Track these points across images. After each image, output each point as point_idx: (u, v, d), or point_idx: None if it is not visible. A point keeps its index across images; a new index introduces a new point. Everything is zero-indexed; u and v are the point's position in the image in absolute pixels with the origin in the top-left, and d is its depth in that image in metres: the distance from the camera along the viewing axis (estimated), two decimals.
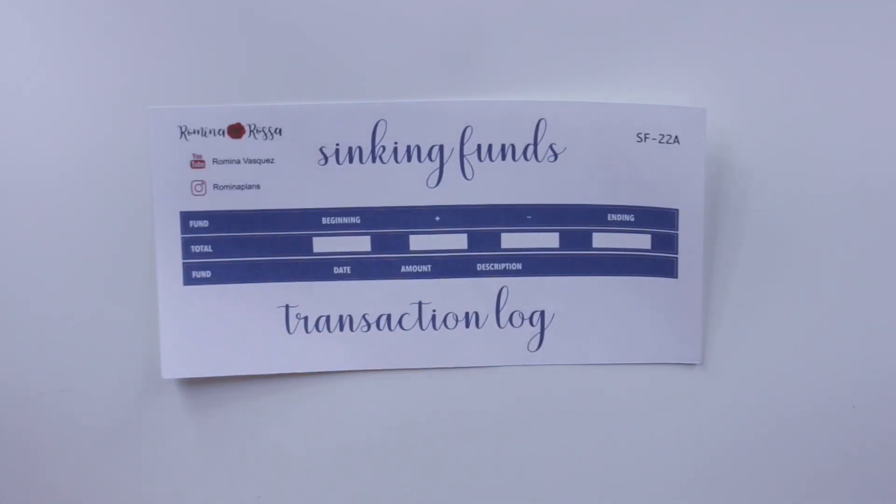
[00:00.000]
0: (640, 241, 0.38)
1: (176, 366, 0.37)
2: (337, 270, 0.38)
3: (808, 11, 0.38)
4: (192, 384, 0.38)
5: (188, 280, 0.37)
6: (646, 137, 0.37)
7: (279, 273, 0.37)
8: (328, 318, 0.38)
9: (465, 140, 0.37)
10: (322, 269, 0.38)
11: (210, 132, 0.36)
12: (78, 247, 0.38)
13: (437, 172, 0.37)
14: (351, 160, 0.37)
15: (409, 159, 0.37)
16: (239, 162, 0.37)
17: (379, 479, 0.39)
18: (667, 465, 0.39)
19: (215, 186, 0.37)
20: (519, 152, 0.37)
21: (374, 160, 0.37)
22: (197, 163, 0.37)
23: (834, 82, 0.38)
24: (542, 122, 0.37)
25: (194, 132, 0.36)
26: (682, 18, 0.38)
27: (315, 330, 0.38)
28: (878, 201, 0.38)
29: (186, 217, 0.37)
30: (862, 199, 0.38)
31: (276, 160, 0.37)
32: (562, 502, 0.39)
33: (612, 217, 0.38)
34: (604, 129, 0.37)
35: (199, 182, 0.37)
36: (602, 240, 0.38)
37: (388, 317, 0.38)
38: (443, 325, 0.38)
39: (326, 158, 0.37)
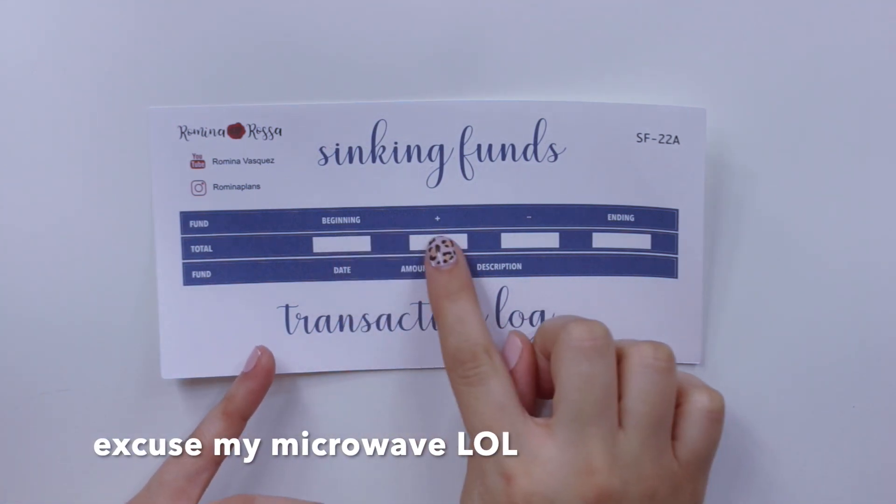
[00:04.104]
0: (640, 241, 0.38)
1: (176, 366, 0.37)
2: (337, 270, 0.38)
3: (808, 12, 0.38)
4: (192, 384, 0.38)
5: (188, 280, 0.37)
6: (646, 137, 0.37)
7: (279, 273, 0.37)
8: (328, 318, 0.38)
9: (465, 140, 0.37)
10: (322, 269, 0.37)
11: (210, 132, 0.36)
12: (78, 247, 0.38)
13: (437, 172, 0.37)
14: (351, 160, 0.37)
15: (409, 159, 0.37)
16: (239, 162, 0.37)
17: (379, 479, 0.39)
18: None
19: (215, 186, 0.37)
20: (519, 152, 0.37)
21: (374, 160, 0.37)
22: (197, 163, 0.37)
23: (834, 82, 0.38)
24: (542, 122, 0.37)
25: (194, 132, 0.36)
26: (682, 18, 0.38)
27: (315, 330, 0.38)
28: (877, 201, 0.38)
29: (186, 217, 0.37)
30: (861, 199, 0.38)
31: (276, 160, 0.37)
32: None
33: (612, 217, 0.38)
34: (604, 129, 0.37)
35: (199, 182, 0.37)
36: (602, 240, 0.38)
37: (388, 317, 0.38)
38: None
39: (326, 158, 0.37)
